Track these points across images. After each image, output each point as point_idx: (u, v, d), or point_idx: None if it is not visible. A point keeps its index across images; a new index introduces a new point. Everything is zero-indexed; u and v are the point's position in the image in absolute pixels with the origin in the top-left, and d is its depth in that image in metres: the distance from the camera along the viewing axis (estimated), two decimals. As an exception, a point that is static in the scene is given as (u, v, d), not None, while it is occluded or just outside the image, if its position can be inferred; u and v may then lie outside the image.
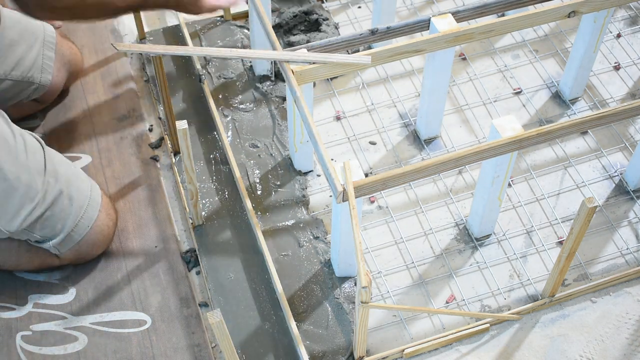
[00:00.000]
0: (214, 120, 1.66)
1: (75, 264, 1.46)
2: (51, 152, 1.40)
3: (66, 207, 1.38)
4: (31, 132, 1.40)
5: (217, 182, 1.58)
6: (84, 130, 1.67)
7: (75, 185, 1.40)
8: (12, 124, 1.36)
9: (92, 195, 1.43)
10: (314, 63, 1.34)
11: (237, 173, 1.56)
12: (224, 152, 1.62)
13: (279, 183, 1.58)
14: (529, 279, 1.45)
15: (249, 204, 1.51)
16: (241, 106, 1.71)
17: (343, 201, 1.18)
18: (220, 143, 1.64)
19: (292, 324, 1.35)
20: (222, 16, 1.88)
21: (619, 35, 1.86)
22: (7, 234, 1.35)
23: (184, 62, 1.80)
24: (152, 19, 1.90)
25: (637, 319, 1.41)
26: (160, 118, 1.70)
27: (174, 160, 1.62)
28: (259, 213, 1.53)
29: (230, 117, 1.69)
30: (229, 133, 1.66)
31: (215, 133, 1.66)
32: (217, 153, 1.63)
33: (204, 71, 1.75)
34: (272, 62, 1.74)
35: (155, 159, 1.63)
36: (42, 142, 1.40)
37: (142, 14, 1.84)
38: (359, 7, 1.93)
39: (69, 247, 1.41)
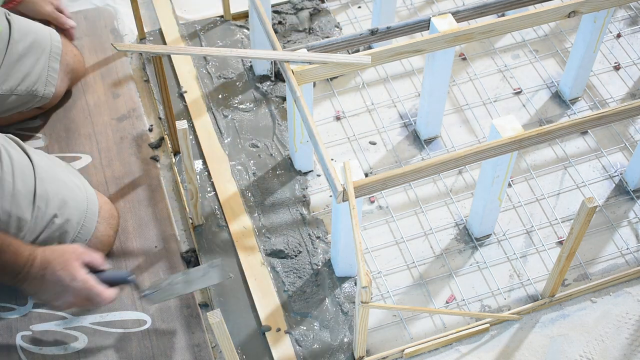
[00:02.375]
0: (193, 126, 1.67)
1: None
2: (42, 172, 1.33)
3: (61, 228, 1.34)
4: (21, 144, 1.35)
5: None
6: (84, 130, 1.67)
7: (69, 204, 1.35)
8: (1, 141, 1.30)
9: (89, 208, 1.39)
10: (314, 63, 1.34)
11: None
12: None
13: (279, 183, 1.58)
14: (529, 279, 1.45)
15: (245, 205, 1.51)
16: (241, 106, 1.71)
17: (343, 201, 1.18)
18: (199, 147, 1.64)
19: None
20: (222, 16, 1.88)
21: (619, 35, 1.86)
22: None
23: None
24: (152, 19, 1.91)
25: (637, 319, 1.41)
26: (160, 118, 1.70)
27: (174, 160, 1.62)
28: (259, 213, 1.53)
29: (230, 117, 1.69)
30: (230, 133, 1.66)
31: (216, 134, 1.66)
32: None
33: (185, 90, 1.74)
34: (272, 62, 1.74)
35: (155, 159, 1.63)
36: (33, 158, 1.33)
37: (142, 13, 1.84)
38: (359, 7, 1.93)
39: None
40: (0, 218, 1.27)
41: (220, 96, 1.73)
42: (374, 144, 1.66)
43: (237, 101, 1.72)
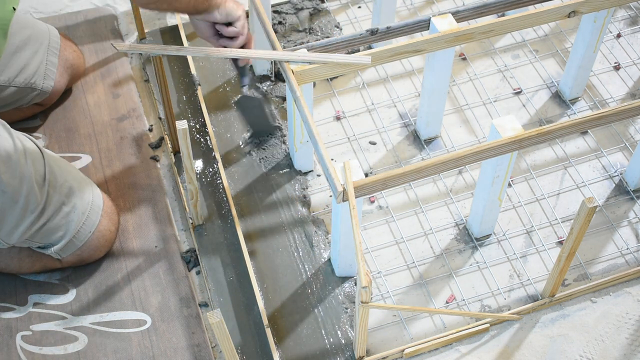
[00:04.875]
0: (207, 124, 1.66)
1: (77, 266, 1.46)
2: (51, 160, 1.36)
3: (67, 216, 1.36)
4: (31, 137, 1.38)
5: (217, 181, 1.58)
6: (84, 130, 1.67)
7: (76, 193, 1.38)
8: (12, 131, 1.33)
9: (94, 201, 1.41)
10: (313, 63, 1.34)
11: (224, 181, 1.56)
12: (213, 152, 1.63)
13: (279, 183, 1.58)
14: (529, 279, 1.45)
15: (234, 211, 1.51)
16: (241, 106, 1.71)
17: (343, 201, 1.18)
18: (210, 145, 1.64)
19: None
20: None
21: (619, 35, 1.86)
22: (6, 246, 1.34)
23: (184, 62, 1.80)
24: (152, 19, 1.91)
25: (637, 319, 1.41)
26: (160, 118, 1.70)
27: (174, 160, 1.62)
28: (259, 213, 1.53)
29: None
30: (229, 133, 1.66)
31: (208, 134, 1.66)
32: (216, 153, 1.63)
33: (198, 78, 1.74)
34: (272, 62, 1.74)
35: (155, 159, 1.63)
36: (42, 148, 1.37)
37: (142, 13, 1.84)
38: (359, 7, 1.93)
39: (71, 252, 1.40)
40: (13, 198, 1.28)
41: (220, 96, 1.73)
42: (374, 144, 1.66)
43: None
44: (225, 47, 1.39)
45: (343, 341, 1.36)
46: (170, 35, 1.85)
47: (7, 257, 1.41)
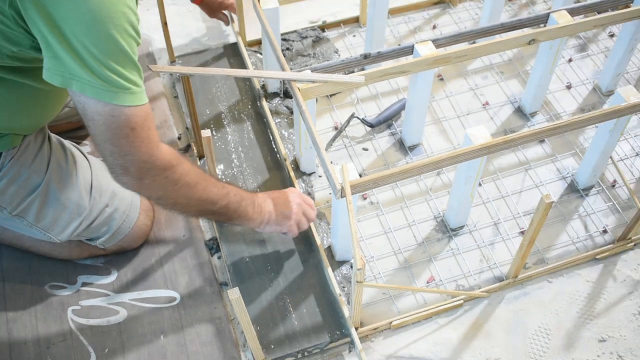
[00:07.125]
0: (273, 134, 1.66)
1: (118, 253, 1.46)
2: (97, 168, 1.36)
3: (110, 216, 1.36)
4: (79, 147, 1.37)
5: (235, 181, 1.59)
6: (124, 138, 1.66)
7: (118, 195, 1.37)
8: (65, 144, 1.32)
9: (133, 201, 1.41)
10: (316, 82, 1.34)
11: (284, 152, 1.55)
12: (241, 156, 1.63)
13: (287, 182, 1.58)
14: (495, 263, 1.45)
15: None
16: (255, 118, 1.71)
17: (341, 197, 1.19)
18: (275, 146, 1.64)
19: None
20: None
21: (570, 60, 1.86)
22: (59, 242, 1.35)
23: (208, 82, 1.80)
24: (181, 47, 1.91)
25: (586, 296, 1.41)
26: (187, 128, 1.70)
27: (199, 163, 1.63)
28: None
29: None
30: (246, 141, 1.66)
31: (235, 138, 1.67)
32: (234, 157, 1.63)
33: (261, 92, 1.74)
34: (281, 81, 1.74)
35: (183, 162, 1.63)
36: (89, 157, 1.36)
37: (173, 40, 1.83)
38: (354, 36, 1.93)
39: (113, 243, 1.41)
40: (64, 204, 1.28)
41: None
42: (367, 150, 1.66)
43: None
44: None
45: (340, 315, 1.36)
46: (198, 58, 1.86)
47: (60, 247, 1.42)
